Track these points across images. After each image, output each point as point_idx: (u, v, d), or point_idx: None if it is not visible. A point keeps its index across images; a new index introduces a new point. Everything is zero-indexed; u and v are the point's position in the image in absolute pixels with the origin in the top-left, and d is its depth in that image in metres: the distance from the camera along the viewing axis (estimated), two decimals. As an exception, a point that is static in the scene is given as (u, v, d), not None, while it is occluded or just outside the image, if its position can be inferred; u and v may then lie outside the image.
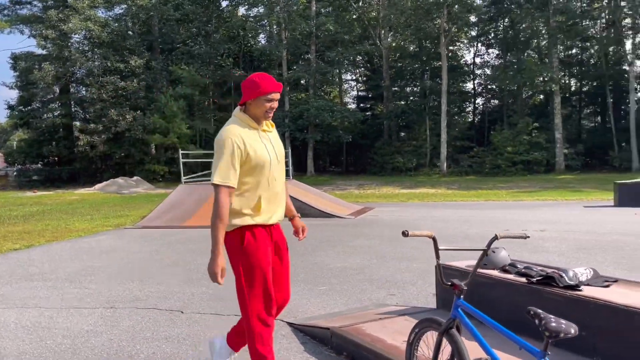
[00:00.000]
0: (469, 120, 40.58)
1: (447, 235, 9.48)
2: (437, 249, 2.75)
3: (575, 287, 3.43)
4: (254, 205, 2.92)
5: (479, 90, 41.41)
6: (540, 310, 2.34)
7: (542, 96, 37.47)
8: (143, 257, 8.17)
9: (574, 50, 37.37)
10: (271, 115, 2.93)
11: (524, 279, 3.70)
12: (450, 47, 36.69)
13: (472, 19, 35.67)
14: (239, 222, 2.93)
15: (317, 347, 4.00)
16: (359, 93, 46.80)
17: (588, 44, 36.27)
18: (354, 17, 37.94)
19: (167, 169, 34.67)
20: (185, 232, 10.98)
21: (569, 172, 28.66)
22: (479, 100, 41.92)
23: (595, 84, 36.30)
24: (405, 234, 2.63)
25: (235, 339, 3.30)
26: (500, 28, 38.24)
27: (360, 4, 37.89)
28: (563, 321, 2.27)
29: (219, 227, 2.78)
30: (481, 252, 2.80)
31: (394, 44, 38.57)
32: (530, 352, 2.40)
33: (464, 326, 2.72)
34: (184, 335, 4.37)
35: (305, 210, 13.44)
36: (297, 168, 32.53)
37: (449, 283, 2.79)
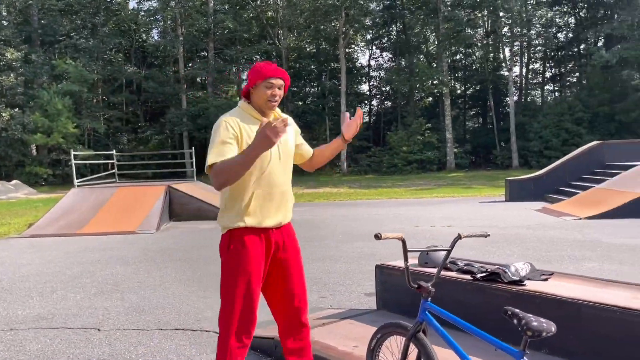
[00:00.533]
0: (366, 121, 41.82)
1: (363, 233, 9.57)
2: (405, 251, 2.66)
3: (519, 282, 3.53)
4: (245, 203, 2.61)
5: (374, 92, 42.86)
6: (517, 310, 2.32)
7: (430, 98, 39.62)
8: (38, 270, 7.35)
9: (459, 56, 39.88)
10: (275, 104, 2.66)
11: (468, 276, 3.74)
12: (347, 50, 37.56)
13: (367, 22, 36.79)
14: (227, 223, 2.65)
15: (260, 359, 3.76)
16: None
17: (470, 50, 38.95)
18: (251, 15, 37.55)
19: (52, 172, 31.94)
20: (83, 241, 10.09)
21: (458, 170, 30.54)
22: (375, 102, 43.37)
23: (478, 87, 39.02)
24: (378, 236, 2.51)
25: None
26: (394, 32, 39.83)
27: (258, 2, 37.56)
28: (542, 320, 2.26)
29: (242, 162, 2.37)
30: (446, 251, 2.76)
31: (292, 45, 38.70)
32: (508, 353, 2.38)
33: (433, 329, 2.65)
34: (105, 356, 3.93)
35: (215, 213, 12.98)
36: (197, 169, 31.48)
37: (416, 285, 2.71)
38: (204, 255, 8.02)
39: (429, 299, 2.69)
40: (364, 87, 42.59)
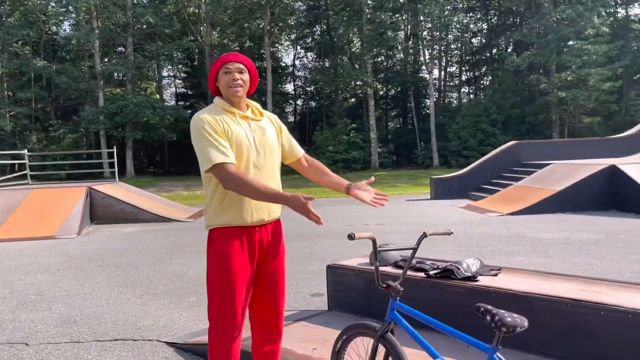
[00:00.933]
0: (291, 120, 41.82)
1: (299, 233, 9.51)
2: (375, 251, 2.62)
3: (472, 278, 3.60)
4: (223, 201, 2.53)
5: (299, 92, 42.96)
6: (490, 306, 2.35)
7: (354, 99, 40.33)
8: (-53, 281, 6.65)
9: (380, 58, 40.86)
10: (237, 89, 2.56)
11: (422, 274, 3.77)
12: (272, 49, 37.35)
13: (292, 22, 36.79)
14: (208, 221, 2.60)
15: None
16: (179, 90, 45.10)
17: (391, 52, 40.08)
18: (172, 10, 36.38)
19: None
20: (-5, 247, 9.27)
21: (382, 169, 31.26)
22: (299, 102, 43.47)
23: (399, 89, 40.19)
24: (352, 237, 2.44)
25: None
26: (318, 33, 40.12)
27: (180, -3, 36.46)
28: (515, 315, 2.30)
29: (262, 194, 2.40)
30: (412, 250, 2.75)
31: (215, 42, 37.93)
32: (480, 349, 2.40)
33: (402, 329, 2.63)
34: (39, 374, 3.59)
35: (139, 215, 12.42)
36: (118, 169, 30.00)
37: (384, 285, 2.68)
38: (134, 259, 7.62)
39: (398, 298, 2.67)
40: (289, 87, 42.61)
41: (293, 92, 42.53)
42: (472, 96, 42.47)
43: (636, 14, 39.13)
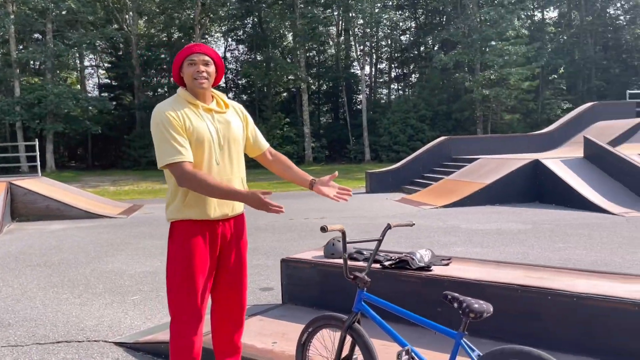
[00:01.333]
0: (222, 114, 41.15)
1: (253, 227, 9.39)
2: (344, 243, 2.65)
3: (426, 268, 3.72)
4: (186, 195, 2.50)
5: (230, 85, 42.30)
6: (457, 294, 2.45)
7: (286, 93, 40.30)
8: None
9: (312, 53, 41.04)
10: (202, 81, 2.50)
11: (378, 265, 3.85)
12: (202, 40, 36.48)
13: (223, 13, 36.12)
14: (170, 215, 2.56)
15: (163, 365, 3.49)
16: (103, 80, 43.12)
17: (323, 47, 40.37)
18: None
19: None
20: None
21: (316, 164, 31.48)
22: (230, 95, 42.81)
23: (331, 84, 40.57)
24: (324, 229, 2.46)
25: None
26: (249, 25, 39.65)
27: (103, -17, 34.80)
28: (481, 302, 2.41)
29: (218, 192, 2.39)
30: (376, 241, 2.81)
31: (142, 32, 36.57)
32: (448, 335, 2.49)
33: (370, 319, 2.68)
34: (-25, 382, 3.35)
35: (66, 211, 11.80)
36: (34, 164, 28.29)
37: (352, 276, 2.72)
38: (66, 258, 7.24)
39: (365, 289, 2.72)
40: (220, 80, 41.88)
41: (224, 85, 41.84)
42: (401, 92, 43.61)
43: (551, 17, 41.66)
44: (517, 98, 31.55)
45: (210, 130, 2.52)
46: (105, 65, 41.36)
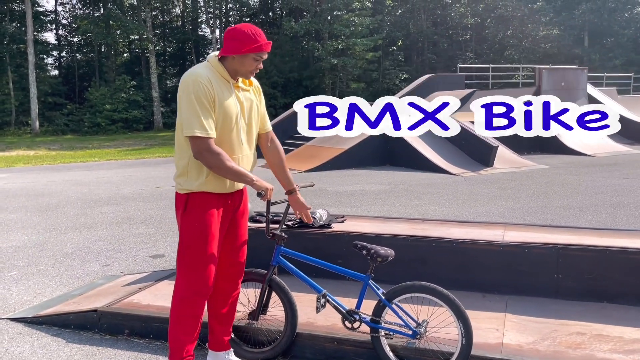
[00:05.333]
0: (55, 74, 37.24)
1: (103, 198, 8.98)
2: (268, 205, 2.93)
3: (326, 226, 4.12)
4: (207, 170, 2.55)
5: (62, 42, 38.32)
6: (364, 243, 2.91)
7: (127, 54, 37.83)
8: None
9: (156, 12, 38.86)
10: (252, 75, 2.61)
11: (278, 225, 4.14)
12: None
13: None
14: (187, 186, 2.55)
15: (78, 335, 3.46)
16: None
17: (168, 7, 38.48)
18: None
19: None
20: None
21: (167, 130, 30.29)
22: (64, 53, 38.85)
23: (178, 45, 38.97)
24: (261, 194, 2.67)
25: (213, 341, 2.91)
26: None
27: None
28: (386, 248, 2.90)
29: (233, 173, 2.51)
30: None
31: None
32: (357, 279, 2.94)
33: (287, 269, 3.03)
34: None
35: None
36: None
37: (271, 234, 3.02)
38: None
39: (282, 244, 3.05)
40: (49, 36, 37.75)
41: (56, 42, 37.81)
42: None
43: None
44: (362, 68, 33.47)
45: (238, 108, 2.60)
46: None
